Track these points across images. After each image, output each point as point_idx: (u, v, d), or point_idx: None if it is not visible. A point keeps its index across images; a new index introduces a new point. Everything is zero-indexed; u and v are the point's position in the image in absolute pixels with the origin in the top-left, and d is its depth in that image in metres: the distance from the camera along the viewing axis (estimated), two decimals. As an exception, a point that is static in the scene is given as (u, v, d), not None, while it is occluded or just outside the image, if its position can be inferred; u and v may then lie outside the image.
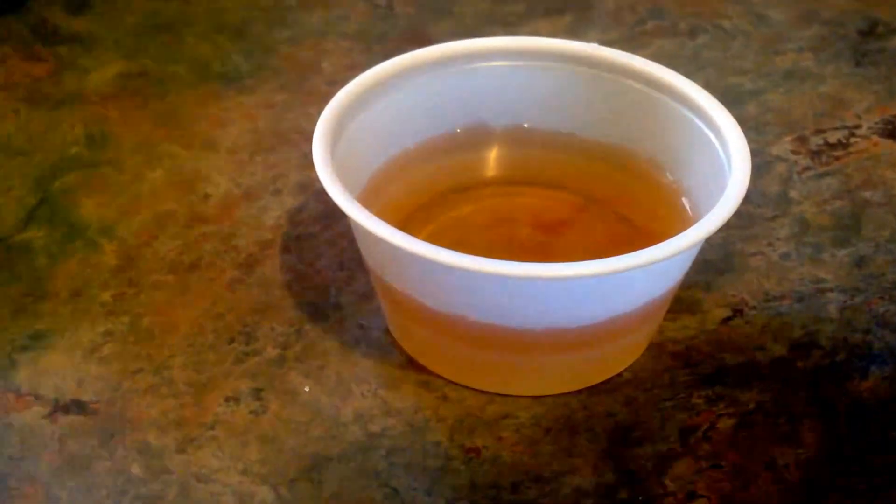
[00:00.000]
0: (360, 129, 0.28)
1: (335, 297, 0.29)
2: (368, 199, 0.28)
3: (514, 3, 0.39)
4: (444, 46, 0.30)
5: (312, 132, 0.26)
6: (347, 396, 0.26)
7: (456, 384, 0.27)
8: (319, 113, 0.27)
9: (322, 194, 0.26)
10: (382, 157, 0.29)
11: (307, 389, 0.26)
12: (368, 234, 0.25)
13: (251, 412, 0.26)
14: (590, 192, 0.30)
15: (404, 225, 0.27)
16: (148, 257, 0.30)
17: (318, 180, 0.25)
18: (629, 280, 0.25)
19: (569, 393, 0.27)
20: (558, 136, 0.31)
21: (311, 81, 0.35)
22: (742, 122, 0.27)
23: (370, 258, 0.27)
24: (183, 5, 0.38)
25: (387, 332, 0.28)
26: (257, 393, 0.26)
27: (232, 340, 0.28)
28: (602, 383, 0.27)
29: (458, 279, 0.24)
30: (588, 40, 0.30)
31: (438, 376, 0.27)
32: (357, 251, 0.28)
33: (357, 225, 0.25)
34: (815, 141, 0.34)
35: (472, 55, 0.30)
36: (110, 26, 0.37)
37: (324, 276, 0.29)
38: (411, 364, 0.27)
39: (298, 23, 0.37)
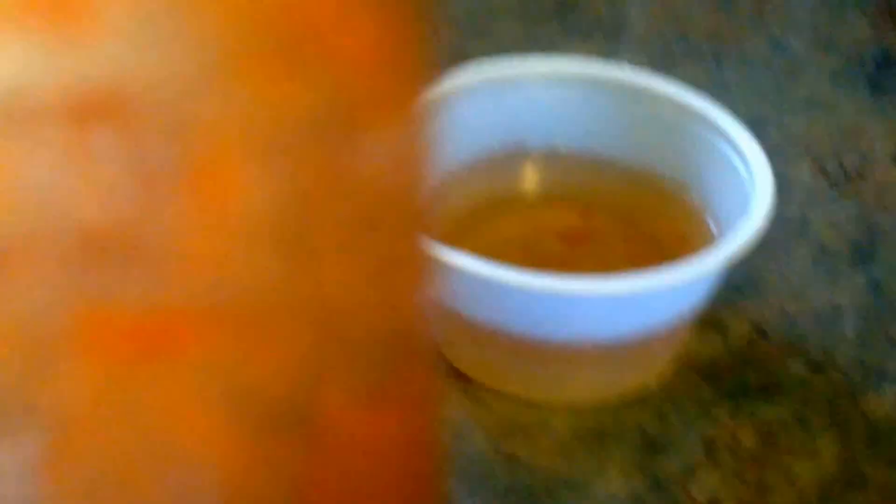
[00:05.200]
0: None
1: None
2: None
3: (548, 25, 0.41)
4: (483, 69, 0.31)
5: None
6: (392, 402, 0.28)
7: (496, 393, 0.28)
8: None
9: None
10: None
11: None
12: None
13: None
14: (620, 211, 0.32)
15: (445, 239, 0.29)
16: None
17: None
18: (658, 297, 0.27)
19: (601, 404, 0.28)
20: (590, 157, 0.32)
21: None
22: (762, 147, 0.29)
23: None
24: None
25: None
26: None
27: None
28: (632, 396, 0.28)
29: (499, 292, 0.26)
30: (618, 64, 0.32)
31: (480, 385, 0.29)
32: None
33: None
34: (833, 167, 0.36)
35: (510, 78, 0.31)
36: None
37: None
38: (454, 373, 0.29)
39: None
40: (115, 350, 0.09)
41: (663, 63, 0.39)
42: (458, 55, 0.39)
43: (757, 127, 0.36)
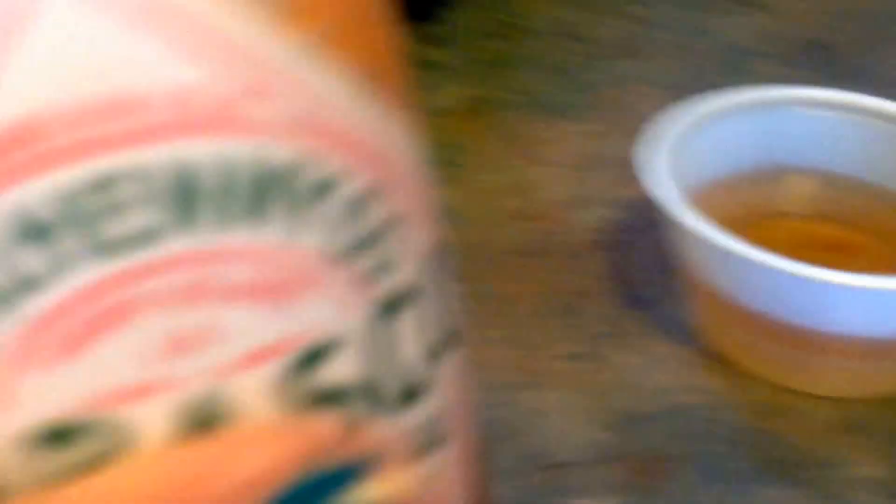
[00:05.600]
0: (671, 158, 0.33)
1: (647, 291, 0.34)
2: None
3: (799, 67, 0.43)
4: (749, 92, 0.35)
5: (628, 158, 0.32)
6: (655, 373, 0.31)
7: (756, 377, 0.31)
8: (634, 144, 0.32)
9: (635, 209, 0.31)
10: (692, 182, 0.34)
11: (621, 361, 0.32)
12: (694, 237, 0.30)
13: (575, 372, 0.31)
14: (883, 231, 0.34)
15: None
16: (490, 244, 0.36)
17: (633, 199, 0.30)
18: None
19: (854, 399, 0.30)
20: (852, 181, 0.35)
21: (626, 117, 0.41)
22: None
23: (688, 259, 0.32)
24: (513, 46, 0.45)
25: (692, 322, 0.33)
26: (580, 357, 0.32)
27: (560, 315, 0.33)
28: (886, 398, 0.30)
29: (769, 279, 0.29)
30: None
31: (741, 368, 0.31)
32: (666, 255, 0.33)
33: (682, 228, 0.30)
34: None
35: (775, 101, 0.35)
36: (460, 57, 0.45)
37: (638, 273, 0.35)
38: (713, 352, 0.32)
39: (611, 68, 0.44)
40: None
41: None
42: (715, 89, 0.42)
43: None
